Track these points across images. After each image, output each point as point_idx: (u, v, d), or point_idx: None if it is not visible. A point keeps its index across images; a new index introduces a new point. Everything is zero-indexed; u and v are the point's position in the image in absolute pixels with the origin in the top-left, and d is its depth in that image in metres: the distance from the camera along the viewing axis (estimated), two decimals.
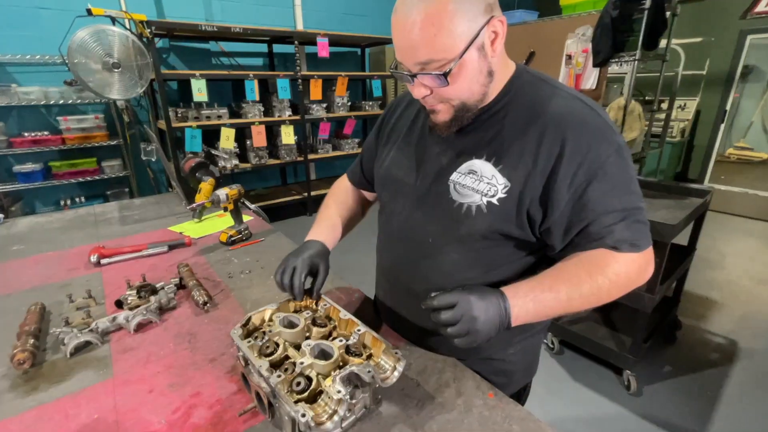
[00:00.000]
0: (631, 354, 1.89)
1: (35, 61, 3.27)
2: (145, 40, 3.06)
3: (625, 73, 3.95)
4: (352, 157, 4.68)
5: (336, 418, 0.61)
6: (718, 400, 1.88)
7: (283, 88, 3.89)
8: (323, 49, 4.07)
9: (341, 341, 0.72)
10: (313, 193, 4.46)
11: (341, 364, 0.69)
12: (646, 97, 3.51)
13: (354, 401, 0.66)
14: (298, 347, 0.73)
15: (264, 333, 0.76)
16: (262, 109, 3.96)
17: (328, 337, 0.77)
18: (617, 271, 0.67)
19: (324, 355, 0.70)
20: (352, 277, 1.63)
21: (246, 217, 1.62)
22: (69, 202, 3.60)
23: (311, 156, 4.48)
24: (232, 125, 3.71)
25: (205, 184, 1.49)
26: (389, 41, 4.53)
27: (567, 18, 3.14)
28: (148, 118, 3.89)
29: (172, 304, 1.06)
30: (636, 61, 2.72)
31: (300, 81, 4.06)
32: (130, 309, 0.98)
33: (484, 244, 0.74)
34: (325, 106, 4.40)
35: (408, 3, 0.60)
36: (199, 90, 3.46)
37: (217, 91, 4.20)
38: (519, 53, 3.36)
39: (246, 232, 1.51)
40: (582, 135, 0.65)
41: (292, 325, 0.76)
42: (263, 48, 4.46)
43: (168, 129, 3.46)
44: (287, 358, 0.71)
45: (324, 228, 0.94)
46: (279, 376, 0.64)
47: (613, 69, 3.34)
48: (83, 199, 3.67)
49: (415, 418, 0.70)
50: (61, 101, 3.27)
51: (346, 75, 4.36)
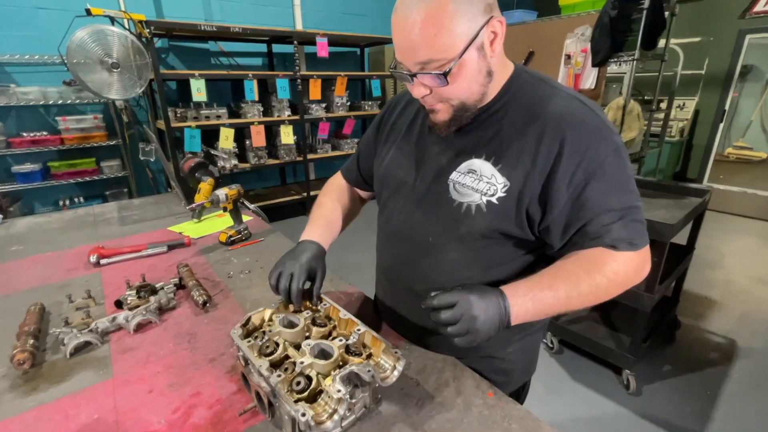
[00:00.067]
0: (631, 353, 1.89)
1: (34, 61, 3.26)
2: (144, 40, 3.06)
3: (624, 73, 3.97)
4: None
5: (336, 417, 0.62)
6: (717, 400, 1.88)
7: (283, 88, 3.88)
8: (322, 49, 4.07)
9: (341, 341, 0.72)
10: (312, 193, 4.45)
11: (341, 363, 0.69)
12: (645, 97, 3.51)
13: (354, 400, 0.66)
14: (298, 347, 0.73)
15: (264, 333, 0.76)
16: (262, 109, 3.95)
17: (327, 336, 0.77)
18: (615, 270, 0.68)
19: (324, 354, 0.70)
20: (352, 276, 1.63)
21: (245, 217, 1.62)
22: (68, 202, 3.60)
23: (310, 156, 4.48)
24: (231, 125, 3.71)
25: (205, 184, 1.49)
26: (388, 41, 4.53)
27: (566, 18, 3.14)
28: (147, 118, 3.88)
29: (172, 304, 1.06)
30: (635, 61, 2.73)
31: (299, 81, 4.05)
32: (130, 309, 0.98)
33: (483, 243, 0.74)
34: (324, 106, 4.40)
35: (408, 3, 0.60)
36: (199, 90, 3.46)
37: (216, 91, 4.20)
38: (518, 53, 3.36)
39: (245, 232, 1.51)
40: (581, 134, 0.66)
41: (292, 324, 0.77)
42: (262, 48, 4.46)
43: (167, 129, 3.45)
44: (287, 357, 0.71)
45: (319, 227, 0.93)
46: (279, 376, 0.64)
47: (612, 69, 3.35)
48: (82, 199, 3.67)
49: (414, 417, 0.70)
50: (59, 101, 3.27)
51: (345, 75, 4.36)
